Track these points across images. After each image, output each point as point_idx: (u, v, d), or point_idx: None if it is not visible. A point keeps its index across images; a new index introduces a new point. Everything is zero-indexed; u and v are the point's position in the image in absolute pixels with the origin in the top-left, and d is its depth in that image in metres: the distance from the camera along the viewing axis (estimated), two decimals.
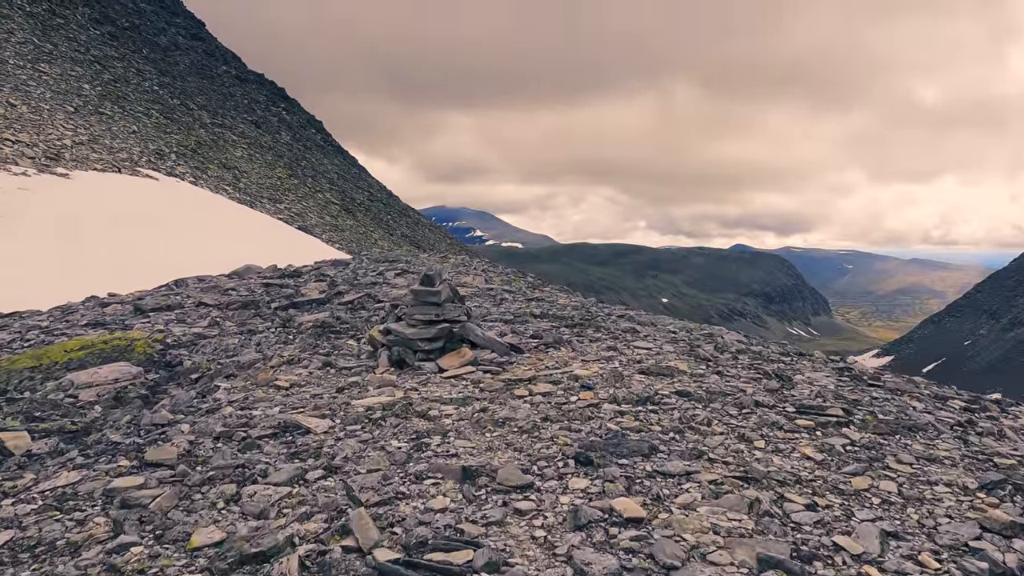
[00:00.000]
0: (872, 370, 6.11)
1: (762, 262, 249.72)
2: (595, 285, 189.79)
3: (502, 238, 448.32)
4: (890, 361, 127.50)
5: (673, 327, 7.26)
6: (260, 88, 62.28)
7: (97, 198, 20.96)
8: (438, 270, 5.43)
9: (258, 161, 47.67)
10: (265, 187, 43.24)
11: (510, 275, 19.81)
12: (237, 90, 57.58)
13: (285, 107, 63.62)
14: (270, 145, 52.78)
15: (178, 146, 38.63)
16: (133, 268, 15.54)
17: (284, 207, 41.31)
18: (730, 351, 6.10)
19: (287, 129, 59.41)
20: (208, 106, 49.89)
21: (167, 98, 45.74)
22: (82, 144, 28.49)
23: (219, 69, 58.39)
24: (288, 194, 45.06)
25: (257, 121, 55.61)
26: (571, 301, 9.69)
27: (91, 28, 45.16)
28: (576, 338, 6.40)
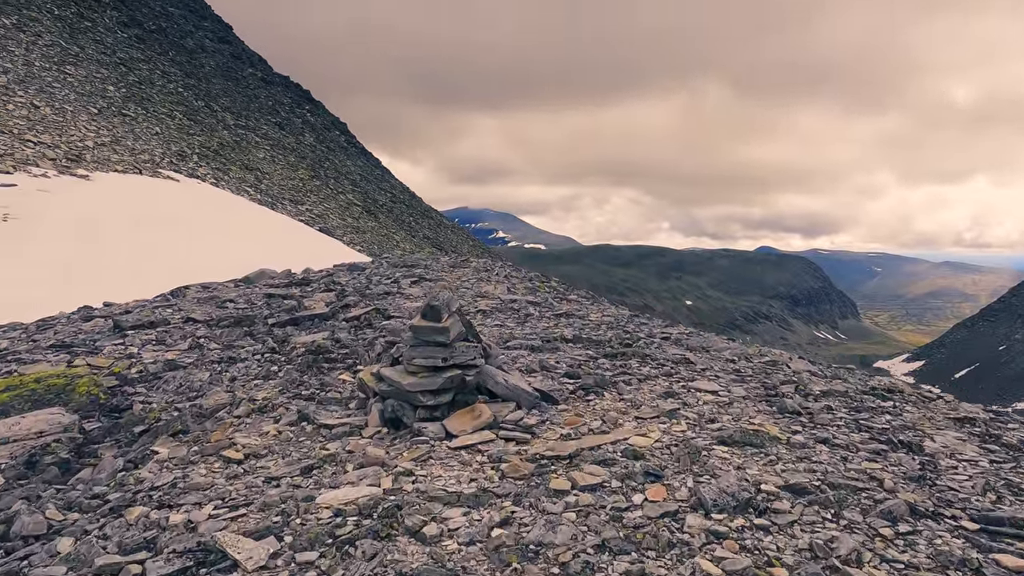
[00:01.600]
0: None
1: (788, 264, 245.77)
2: (618, 287, 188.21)
3: (525, 239, 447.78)
4: (921, 366, 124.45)
5: (730, 353, 6.47)
6: (286, 91, 62.75)
7: (117, 200, 20.88)
8: (446, 299, 4.30)
9: (280, 163, 47.88)
10: (287, 188, 43.36)
11: (534, 281, 19.25)
12: (262, 92, 58.04)
13: (310, 109, 64.00)
14: (293, 147, 53.05)
15: (200, 147, 38.85)
16: (151, 271, 15.30)
17: (305, 208, 41.35)
18: (813, 393, 5.10)
19: (311, 131, 59.71)
20: (232, 108, 50.28)
21: (191, 100, 46.15)
22: (104, 145, 28.62)
23: (245, 72, 58.93)
24: (310, 195, 45.15)
25: (281, 123, 55.96)
26: (603, 315, 9.02)
27: (118, 31, 45.71)
28: (621, 375, 5.36)
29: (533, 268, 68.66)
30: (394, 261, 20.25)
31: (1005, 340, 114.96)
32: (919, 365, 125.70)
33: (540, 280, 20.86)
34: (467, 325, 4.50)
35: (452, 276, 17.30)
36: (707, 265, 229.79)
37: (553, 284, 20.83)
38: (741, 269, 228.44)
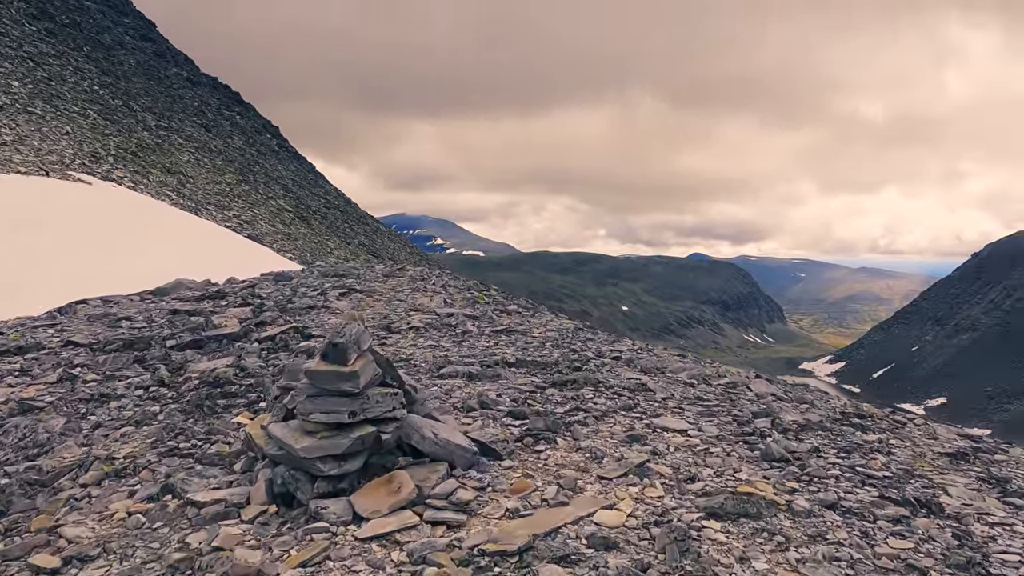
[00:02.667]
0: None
1: (719, 270, 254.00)
2: (556, 293, 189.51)
3: (464, 246, 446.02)
4: (843, 367, 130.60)
5: (687, 375, 5.90)
6: (213, 92, 59.89)
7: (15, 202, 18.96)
8: (354, 335, 3.27)
9: (206, 166, 45.51)
10: (212, 193, 41.20)
11: (473, 291, 18.55)
12: (187, 93, 55.17)
13: (239, 111, 61.31)
14: (220, 150, 50.60)
15: (117, 149, 36.35)
16: (43, 283, 13.76)
17: (233, 214, 39.34)
18: (790, 427, 4.52)
19: (240, 134, 57.17)
20: (154, 108, 47.51)
21: (107, 99, 43.31)
22: (5, 145, 26.26)
23: (169, 71, 55.92)
24: (238, 200, 43.05)
25: (207, 125, 53.34)
26: (546, 329, 8.41)
27: (26, 24, 42.44)
28: (575, 412, 4.55)
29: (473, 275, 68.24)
30: (325, 270, 19.16)
31: (917, 341, 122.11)
32: (841, 366, 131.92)
33: (479, 289, 20.18)
34: (384, 365, 3.45)
35: (386, 286, 16.42)
36: (642, 271, 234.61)
37: (493, 293, 20.20)
38: (675, 275, 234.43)
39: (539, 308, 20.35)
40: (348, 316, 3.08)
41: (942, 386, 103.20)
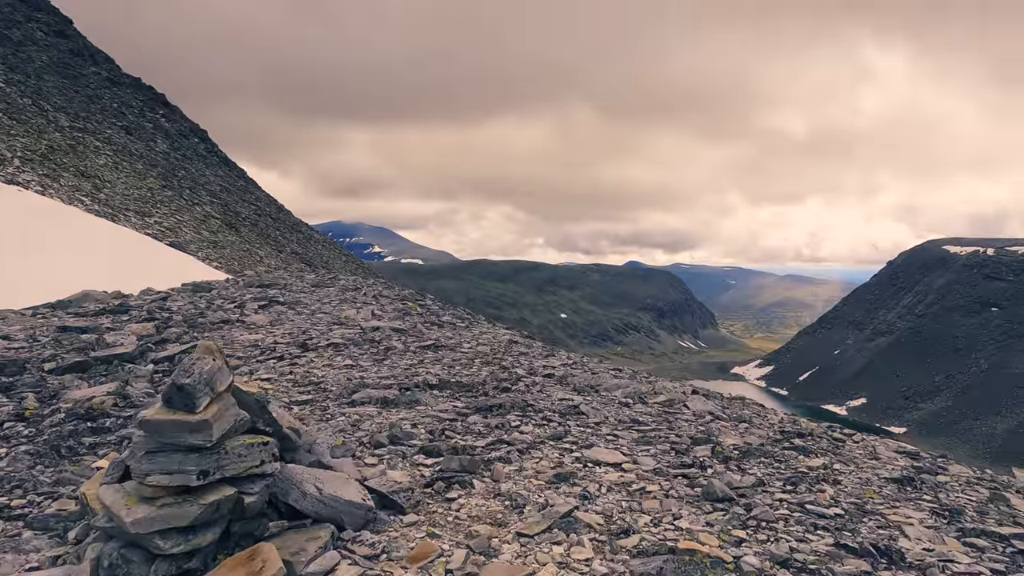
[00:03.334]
0: None
1: (654, 278, 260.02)
2: (496, 302, 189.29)
3: (402, 255, 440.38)
4: (771, 371, 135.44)
5: (622, 393, 5.52)
6: (136, 93, 56.73)
7: None
8: (205, 373, 2.43)
9: (126, 170, 42.98)
10: (132, 199, 38.90)
11: (407, 301, 17.95)
12: (106, 93, 52.06)
13: (164, 114, 58.31)
14: (142, 153, 47.93)
15: (24, 150, 33.80)
16: None
17: (154, 221, 37.20)
18: (731, 454, 4.13)
19: (164, 137, 54.37)
20: (68, 108, 44.57)
21: (15, 97, 40.32)
22: None
23: (86, 70, 52.63)
24: (160, 207, 40.80)
25: (128, 127, 50.46)
26: (478, 343, 7.93)
27: None
28: (497, 445, 4.02)
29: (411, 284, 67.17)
30: (250, 280, 18.14)
31: (839, 345, 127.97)
32: (769, 370, 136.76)
33: (414, 299, 19.54)
34: (252, 407, 2.81)
35: (313, 298, 15.62)
36: (580, 279, 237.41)
37: (428, 303, 19.61)
38: (612, 283, 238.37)
39: (476, 318, 19.87)
40: (203, 348, 2.33)
41: (862, 387, 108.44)
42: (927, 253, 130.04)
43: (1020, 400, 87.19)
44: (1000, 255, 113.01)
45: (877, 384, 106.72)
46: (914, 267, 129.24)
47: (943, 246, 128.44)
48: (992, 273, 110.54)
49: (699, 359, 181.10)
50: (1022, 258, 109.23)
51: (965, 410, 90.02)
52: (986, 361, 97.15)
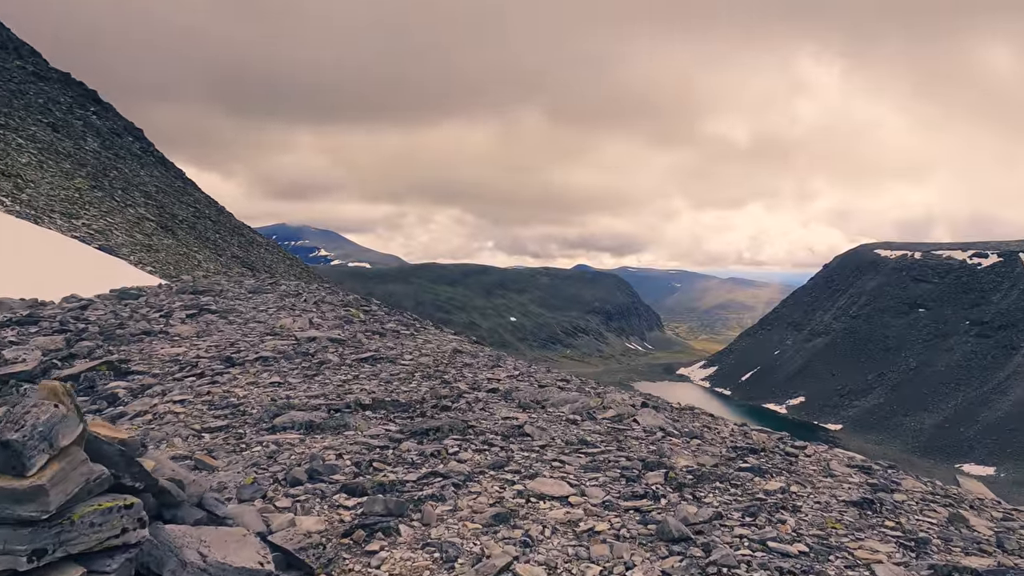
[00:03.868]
0: None
1: (602, 281, 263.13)
2: (445, 305, 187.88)
3: (349, 258, 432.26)
4: (715, 371, 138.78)
5: (570, 409, 5.19)
6: (64, 88, 53.62)
7: None
8: (43, 425, 1.85)
9: (51, 169, 40.53)
10: (58, 200, 36.69)
11: (351, 307, 17.35)
12: (31, 88, 49.03)
13: (96, 111, 55.35)
14: (70, 152, 45.32)
15: None
16: None
17: (82, 223, 35.16)
18: (685, 480, 3.79)
19: (95, 135, 51.58)
20: None
21: None
22: None
23: (9, 63, 49.46)
24: (89, 208, 38.63)
25: (55, 124, 47.65)
26: (421, 354, 7.51)
27: None
28: (432, 479, 3.60)
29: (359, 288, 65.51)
30: (182, 286, 17.19)
31: (779, 345, 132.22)
32: (713, 370, 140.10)
33: (358, 305, 18.93)
34: (115, 459, 2.24)
35: (249, 305, 14.86)
36: (529, 283, 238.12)
37: (373, 308, 19.05)
38: (561, 286, 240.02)
39: (423, 324, 19.37)
40: (44, 389, 1.83)
41: (800, 386, 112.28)
42: (859, 257, 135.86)
43: (944, 396, 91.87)
44: (926, 259, 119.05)
45: (814, 383, 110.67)
46: (848, 270, 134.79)
47: (874, 250, 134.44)
48: (919, 276, 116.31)
49: (646, 361, 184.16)
50: (946, 262, 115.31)
51: (896, 406, 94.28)
52: (914, 359, 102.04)
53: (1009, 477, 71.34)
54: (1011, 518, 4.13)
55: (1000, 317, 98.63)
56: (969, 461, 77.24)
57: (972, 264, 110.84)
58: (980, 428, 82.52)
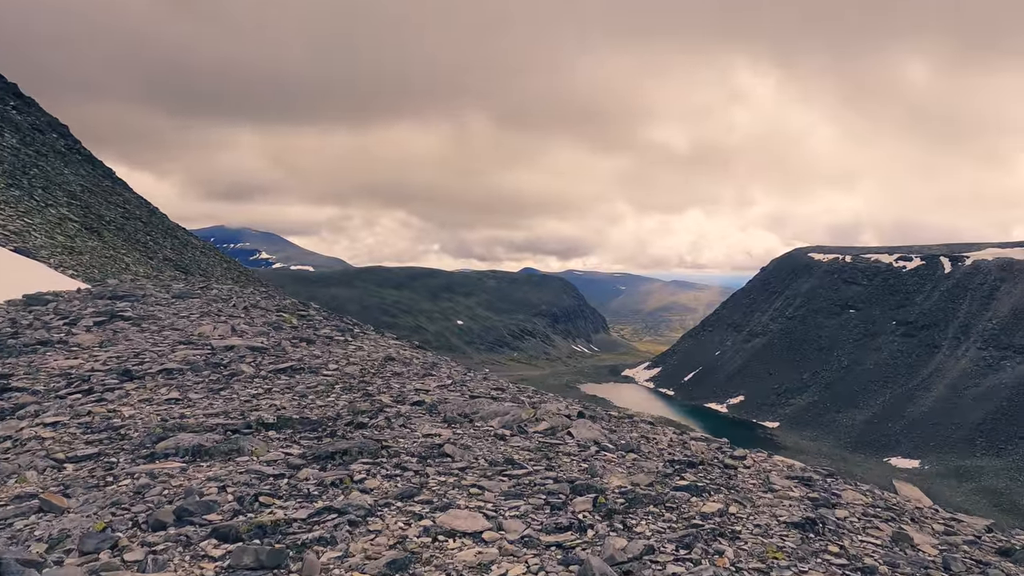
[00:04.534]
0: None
1: (549, 284, 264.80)
2: (391, 309, 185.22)
3: (291, 261, 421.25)
4: (658, 372, 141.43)
5: (499, 422, 4.76)
6: None
7: None
8: None
9: None
10: None
11: (286, 312, 16.57)
12: None
13: (16, 106, 51.85)
14: None
15: None
16: None
17: None
18: (618, 507, 3.39)
19: (14, 131, 48.32)
20: None
21: None
22: None
23: None
24: (5, 208, 36.12)
25: None
26: (348, 362, 7.00)
27: None
28: (326, 516, 3.05)
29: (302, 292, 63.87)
30: (101, 291, 16.06)
31: (719, 346, 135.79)
32: (657, 371, 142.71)
33: (294, 310, 18.12)
34: None
35: (170, 311, 13.91)
36: (476, 286, 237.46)
37: (311, 313, 18.27)
38: (508, 289, 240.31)
39: (364, 328, 18.73)
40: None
41: (740, 385, 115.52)
42: (794, 260, 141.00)
43: (873, 393, 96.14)
44: (856, 262, 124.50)
45: (753, 382, 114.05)
46: (784, 273, 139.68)
47: (808, 253, 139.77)
48: (849, 278, 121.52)
49: (592, 363, 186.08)
50: (874, 265, 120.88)
51: (829, 404, 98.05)
52: (845, 358, 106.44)
53: (932, 469, 75.08)
54: (952, 530, 4.00)
55: (923, 317, 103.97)
56: (896, 455, 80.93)
57: (898, 267, 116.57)
58: (906, 423, 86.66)
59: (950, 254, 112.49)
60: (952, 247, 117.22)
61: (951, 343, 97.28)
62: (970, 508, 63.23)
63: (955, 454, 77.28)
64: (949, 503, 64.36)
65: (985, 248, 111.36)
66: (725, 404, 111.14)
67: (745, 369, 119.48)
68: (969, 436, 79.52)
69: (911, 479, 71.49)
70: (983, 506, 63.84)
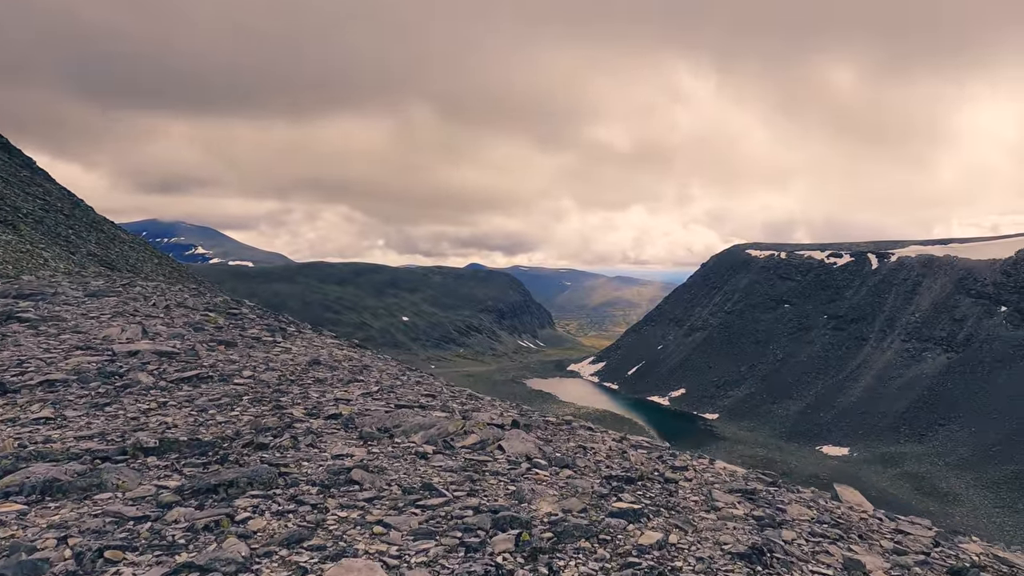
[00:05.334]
0: None
1: (495, 280, 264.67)
2: (334, 306, 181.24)
3: (229, 256, 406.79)
4: (603, 367, 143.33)
5: (423, 437, 4.26)
6: None
7: None
8: None
9: None
10: None
11: (214, 311, 15.63)
12: None
13: None
14: None
15: None
16: None
17: None
18: (543, 544, 2.95)
19: None
20: None
21: None
22: None
23: None
24: None
25: None
26: (268, 367, 6.37)
27: None
28: (181, 574, 2.50)
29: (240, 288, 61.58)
30: (5, 289, 14.75)
31: (662, 340, 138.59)
32: (602, 366, 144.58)
33: (224, 308, 17.11)
34: None
35: (79, 311, 12.82)
36: (422, 281, 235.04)
37: (244, 311, 17.27)
38: (454, 285, 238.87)
39: (302, 327, 17.88)
40: None
41: (681, 379, 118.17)
42: (733, 256, 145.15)
43: (806, 384, 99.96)
44: (790, 258, 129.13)
45: (694, 375, 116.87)
46: (723, 268, 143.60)
47: (746, 250, 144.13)
48: (784, 274, 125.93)
49: (538, 358, 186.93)
50: (807, 261, 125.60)
51: (765, 395, 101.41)
52: (780, 352, 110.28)
53: (860, 456, 78.59)
54: (902, 548, 3.79)
55: (852, 311, 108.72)
56: (827, 443, 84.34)
57: (829, 263, 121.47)
58: (836, 413, 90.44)
59: (877, 251, 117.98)
60: (879, 244, 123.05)
61: (877, 336, 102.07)
62: (895, 492, 66.46)
63: (881, 441, 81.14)
64: (876, 487, 67.45)
65: (909, 245, 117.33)
66: (667, 397, 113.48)
67: (686, 363, 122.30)
68: (894, 424, 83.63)
69: (841, 466, 74.64)
70: (906, 490, 67.21)
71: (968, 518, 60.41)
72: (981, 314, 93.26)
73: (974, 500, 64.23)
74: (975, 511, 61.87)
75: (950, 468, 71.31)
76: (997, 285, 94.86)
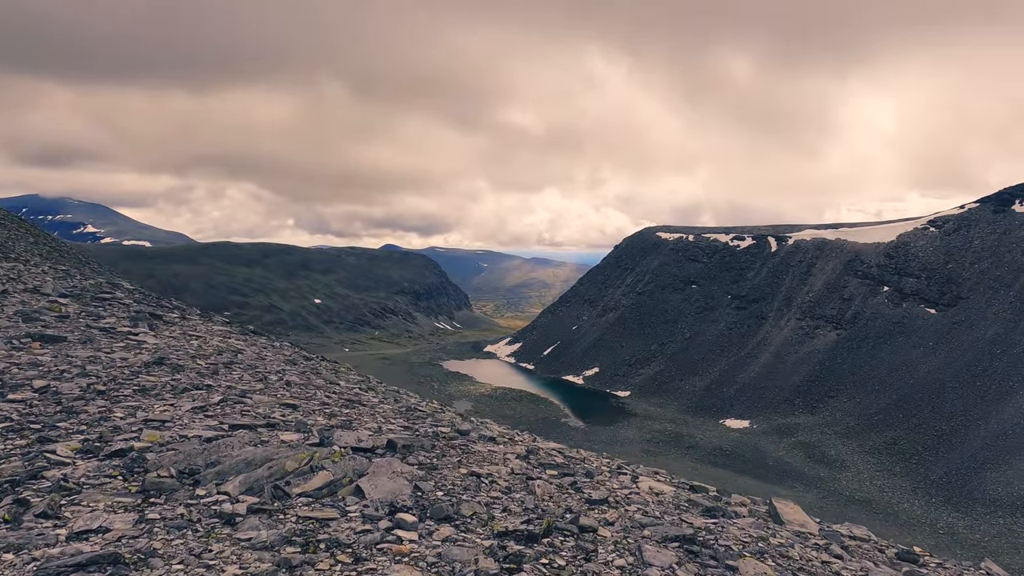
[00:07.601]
0: None
1: (411, 261, 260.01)
2: (241, 288, 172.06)
3: (124, 235, 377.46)
4: (519, 347, 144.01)
5: (243, 480, 2.92)
6: None
7: None
8: None
9: None
10: None
11: (73, 296, 13.51)
12: None
13: None
14: None
15: None
16: None
17: None
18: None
19: None
20: None
21: None
22: None
23: None
24: None
25: None
26: (75, 378, 4.83)
27: None
28: None
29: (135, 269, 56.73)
30: None
31: (576, 321, 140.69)
32: (518, 347, 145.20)
33: (93, 292, 14.87)
34: None
35: None
36: (335, 263, 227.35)
37: (118, 295, 15.12)
38: (368, 266, 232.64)
39: (185, 313, 15.84)
40: None
41: (595, 358, 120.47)
42: (644, 239, 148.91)
43: (712, 362, 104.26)
44: (697, 241, 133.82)
45: (607, 354, 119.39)
46: (635, 250, 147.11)
47: (656, 232, 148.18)
48: (692, 256, 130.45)
49: (455, 339, 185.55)
50: (713, 243, 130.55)
51: (673, 372, 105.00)
52: (688, 330, 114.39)
53: (759, 427, 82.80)
54: None
55: (753, 292, 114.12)
56: (731, 416, 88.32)
57: (733, 246, 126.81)
58: (738, 388, 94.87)
59: (776, 234, 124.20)
60: (778, 228, 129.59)
61: (776, 315, 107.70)
62: (790, 461, 70.44)
63: (778, 413, 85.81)
64: (773, 457, 71.24)
65: (804, 229, 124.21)
66: (581, 376, 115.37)
67: (600, 342, 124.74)
68: (789, 397, 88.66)
69: (742, 438, 78.33)
70: (800, 458, 71.36)
71: (852, 482, 64.93)
72: (867, 293, 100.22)
73: (858, 465, 69.06)
74: (859, 475, 66.56)
75: (838, 436, 76.36)
76: (880, 267, 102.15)
